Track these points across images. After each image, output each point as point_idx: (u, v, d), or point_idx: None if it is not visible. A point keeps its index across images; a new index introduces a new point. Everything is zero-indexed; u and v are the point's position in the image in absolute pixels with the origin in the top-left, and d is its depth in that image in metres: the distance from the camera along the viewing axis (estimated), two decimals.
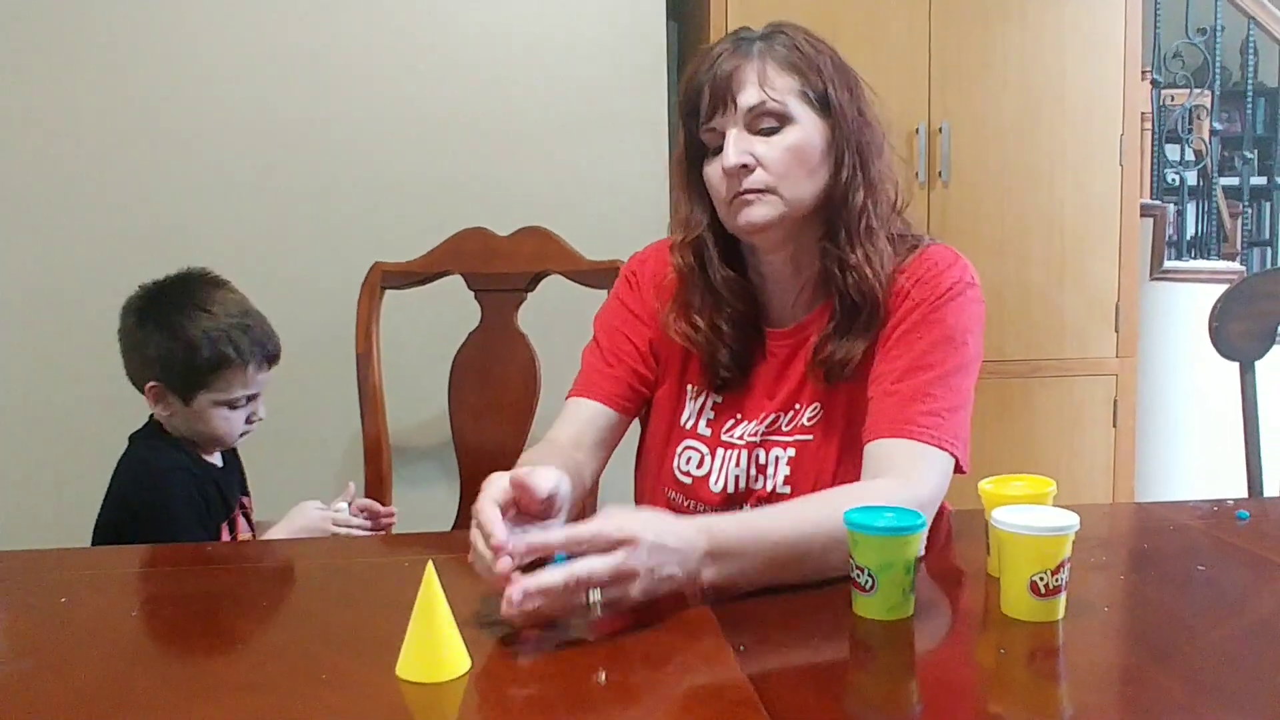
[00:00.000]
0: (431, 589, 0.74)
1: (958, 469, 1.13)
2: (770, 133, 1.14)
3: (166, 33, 2.17)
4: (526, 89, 2.31)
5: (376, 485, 1.74)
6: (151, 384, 1.52)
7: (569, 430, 1.24)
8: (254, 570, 1.07)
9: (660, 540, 0.86)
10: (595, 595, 0.81)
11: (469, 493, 1.79)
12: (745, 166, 1.13)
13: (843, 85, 1.17)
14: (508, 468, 0.93)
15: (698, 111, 1.17)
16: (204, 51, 2.19)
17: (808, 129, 1.15)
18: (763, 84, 1.13)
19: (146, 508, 1.48)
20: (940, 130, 2.45)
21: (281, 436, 1.67)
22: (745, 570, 0.93)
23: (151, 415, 1.58)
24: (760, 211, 1.14)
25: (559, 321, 1.74)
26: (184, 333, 1.50)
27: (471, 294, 1.81)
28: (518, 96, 2.30)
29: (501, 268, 1.80)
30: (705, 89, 1.15)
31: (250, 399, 1.56)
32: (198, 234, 2.19)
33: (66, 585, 0.97)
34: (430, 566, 0.75)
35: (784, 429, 1.21)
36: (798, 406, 1.21)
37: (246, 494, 1.68)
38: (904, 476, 1.06)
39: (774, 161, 1.14)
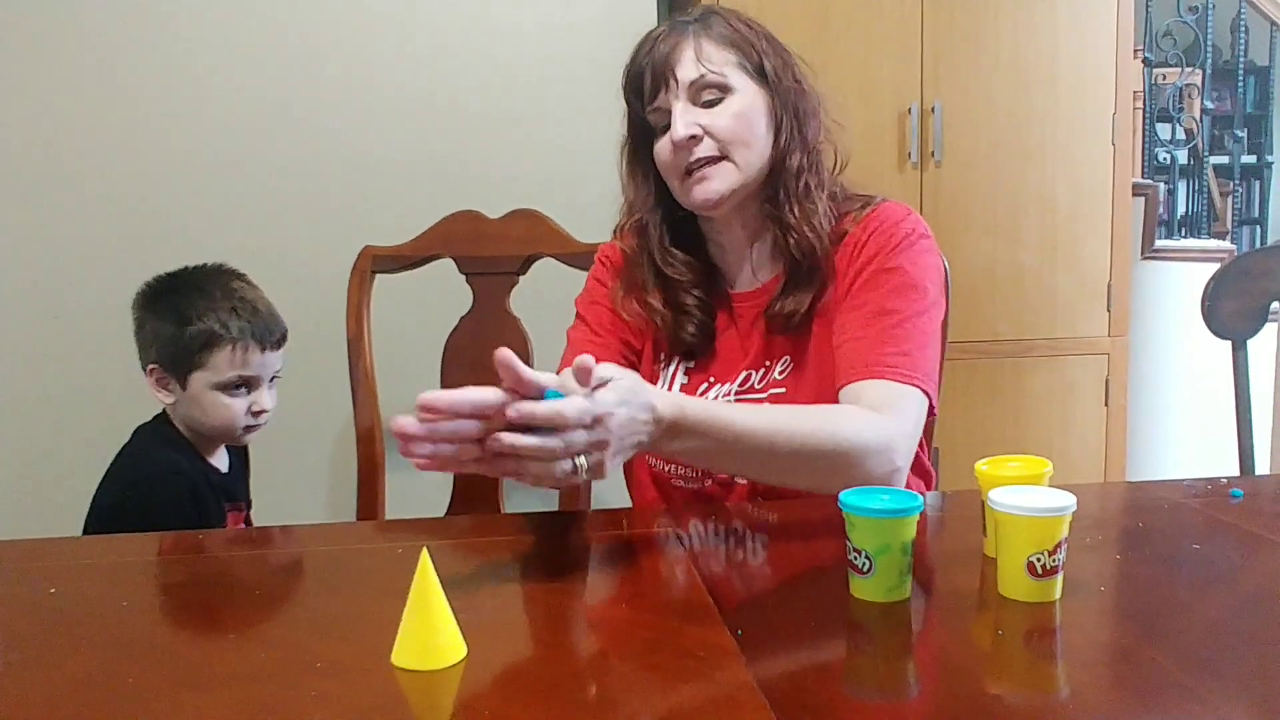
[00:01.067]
0: (426, 575, 0.74)
1: (929, 409, 1.16)
2: (713, 104, 1.18)
3: (154, 20, 2.15)
4: (515, 71, 2.29)
5: (369, 470, 1.73)
6: (151, 366, 1.52)
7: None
8: (246, 559, 1.07)
9: (632, 415, 0.92)
10: (582, 460, 0.89)
11: (462, 478, 1.78)
12: (694, 137, 1.16)
13: (776, 55, 1.21)
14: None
15: (641, 94, 1.21)
16: (192, 38, 2.17)
17: (749, 96, 1.19)
18: (700, 58, 1.17)
19: (133, 507, 1.47)
20: (932, 110, 2.43)
21: (274, 423, 1.66)
22: (707, 451, 1.02)
23: (164, 409, 1.58)
24: (715, 185, 1.18)
25: (551, 304, 1.72)
26: (177, 313, 1.50)
27: (463, 277, 1.80)
28: (507, 78, 2.29)
29: (493, 250, 1.79)
30: (646, 71, 1.19)
31: (247, 385, 1.54)
32: (187, 220, 2.17)
33: (56, 575, 0.96)
34: (425, 553, 0.74)
35: (757, 386, 1.24)
36: (768, 363, 1.24)
37: (248, 500, 1.67)
38: (881, 412, 1.10)
39: (721, 129, 1.17)
